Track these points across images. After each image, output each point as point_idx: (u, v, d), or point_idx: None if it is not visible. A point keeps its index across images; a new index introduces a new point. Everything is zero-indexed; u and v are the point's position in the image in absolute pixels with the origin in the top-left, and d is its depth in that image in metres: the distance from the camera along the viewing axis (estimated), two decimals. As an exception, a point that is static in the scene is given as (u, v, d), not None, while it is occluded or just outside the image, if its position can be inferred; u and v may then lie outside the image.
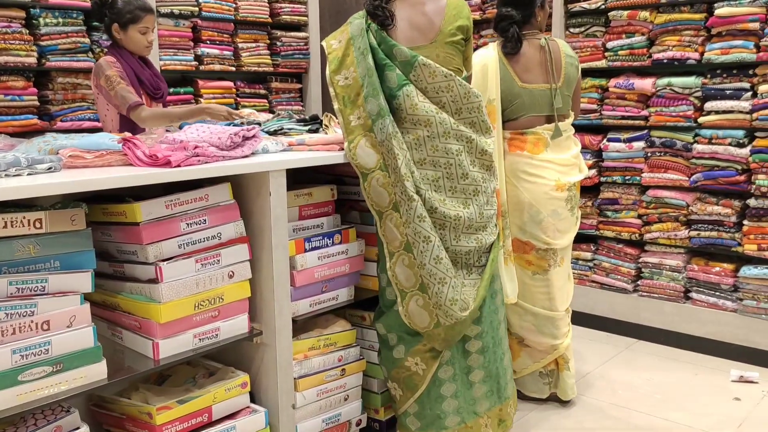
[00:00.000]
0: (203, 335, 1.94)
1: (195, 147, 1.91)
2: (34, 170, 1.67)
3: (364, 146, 2.18)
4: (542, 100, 2.66)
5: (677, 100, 3.41)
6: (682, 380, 3.11)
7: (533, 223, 2.64)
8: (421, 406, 2.31)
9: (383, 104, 2.16)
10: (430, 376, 2.28)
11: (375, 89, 2.16)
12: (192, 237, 1.91)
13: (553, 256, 2.69)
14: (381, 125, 2.15)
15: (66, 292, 1.66)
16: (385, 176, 2.16)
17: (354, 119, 2.20)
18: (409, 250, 2.17)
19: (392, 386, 2.36)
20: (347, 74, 2.21)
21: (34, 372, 1.58)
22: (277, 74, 4.42)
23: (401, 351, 2.29)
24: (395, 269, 2.20)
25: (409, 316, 2.22)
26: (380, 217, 2.21)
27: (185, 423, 1.91)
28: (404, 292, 2.21)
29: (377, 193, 2.19)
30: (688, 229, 3.44)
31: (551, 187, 2.63)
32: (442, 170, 2.21)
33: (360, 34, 2.22)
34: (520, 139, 2.64)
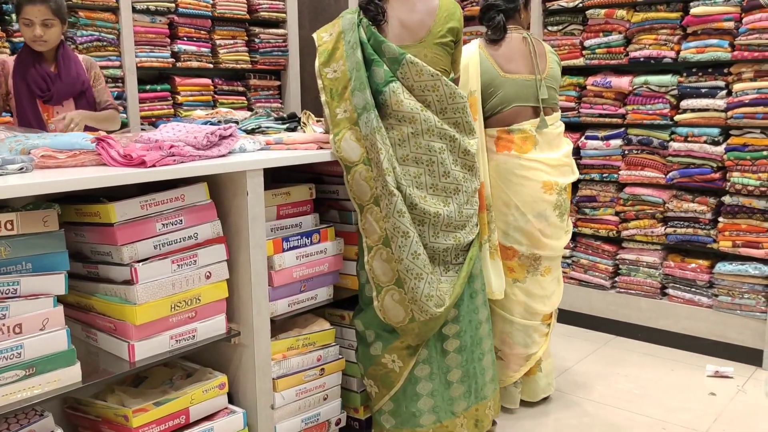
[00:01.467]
0: (180, 336, 1.92)
1: (170, 146, 1.89)
2: (5, 170, 1.64)
3: (349, 139, 2.18)
4: (527, 91, 2.61)
5: (654, 99, 3.44)
6: (658, 376, 3.15)
7: (517, 225, 2.59)
8: (396, 403, 2.32)
9: (369, 98, 2.17)
10: (407, 373, 2.29)
11: (362, 83, 2.17)
12: (168, 237, 1.88)
13: (535, 264, 2.63)
14: (366, 119, 2.16)
15: (38, 295, 1.63)
16: (368, 170, 2.17)
17: (340, 112, 2.21)
18: (388, 245, 2.18)
19: (368, 383, 2.36)
20: (336, 67, 2.21)
21: (6, 376, 1.56)
22: (256, 71, 4.39)
23: (378, 348, 2.29)
24: (373, 263, 2.21)
25: (384, 310, 2.22)
26: (361, 211, 2.22)
27: (162, 425, 1.89)
28: (380, 287, 2.22)
29: (359, 186, 2.19)
30: (664, 226, 3.47)
31: (538, 188, 2.57)
32: (424, 167, 2.22)
33: (351, 28, 2.23)
34: (507, 138, 2.58)
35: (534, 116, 2.63)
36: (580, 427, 2.68)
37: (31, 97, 2.73)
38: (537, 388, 2.78)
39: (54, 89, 2.75)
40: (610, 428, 2.67)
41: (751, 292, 3.22)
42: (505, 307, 2.65)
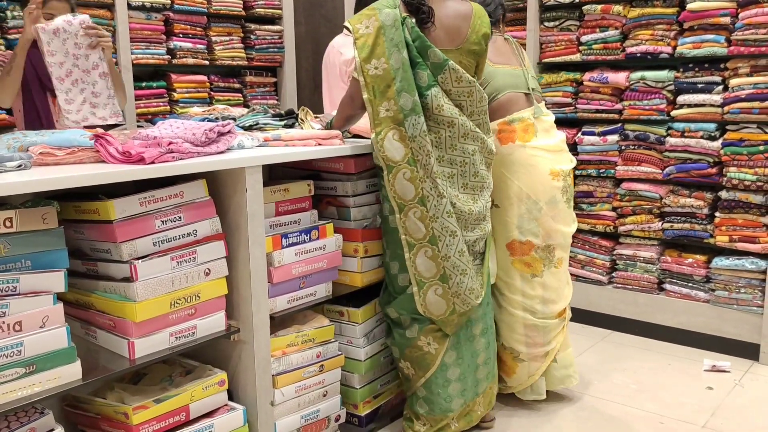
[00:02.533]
0: (180, 333, 1.91)
1: (169, 143, 1.88)
2: (4, 168, 1.63)
3: (392, 139, 2.20)
4: (516, 79, 2.68)
5: (650, 94, 3.45)
6: (655, 370, 3.16)
7: (530, 216, 2.60)
8: (428, 390, 2.37)
9: (418, 101, 2.20)
10: (441, 355, 2.35)
11: (410, 85, 2.20)
12: (167, 234, 1.88)
13: (550, 256, 2.65)
14: (414, 121, 2.19)
15: (38, 292, 1.62)
16: (413, 171, 2.21)
17: (383, 110, 2.21)
18: (434, 243, 2.24)
19: (405, 365, 2.41)
20: (377, 64, 2.20)
21: (7, 374, 1.55)
22: (252, 68, 4.38)
23: (415, 330, 2.35)
24: (416, 260, 2.27)
25: (426, 304, 2.29)
26: (401, 210, 2.25)
27: (162, 422, 1.89)
28: (423, 282, 2.27)
29: (402, 186, 2.22)
30: (661, 222, 3.48)
31: (546, 174, 2.60)
32: (458, 168, 2.30)
33: (393, 25, 2.21)
34: (509, 129, 2.61)
35: (528, 104, 2.67)
36: (577, 421, 2.69)
37: (43, 91, 2.72)
38: (553, 379, 2.78)
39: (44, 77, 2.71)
40: (607, 422, 2.68)
41: (747, 286, 3.23)
42: (526, 308, 2.65)
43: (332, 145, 2.33)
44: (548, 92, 3.76)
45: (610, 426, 2.65)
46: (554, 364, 2.76)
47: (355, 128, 2.54)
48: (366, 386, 2.53)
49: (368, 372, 2.52)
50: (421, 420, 2.38)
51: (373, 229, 2.48)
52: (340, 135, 2.39)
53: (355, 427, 2.54)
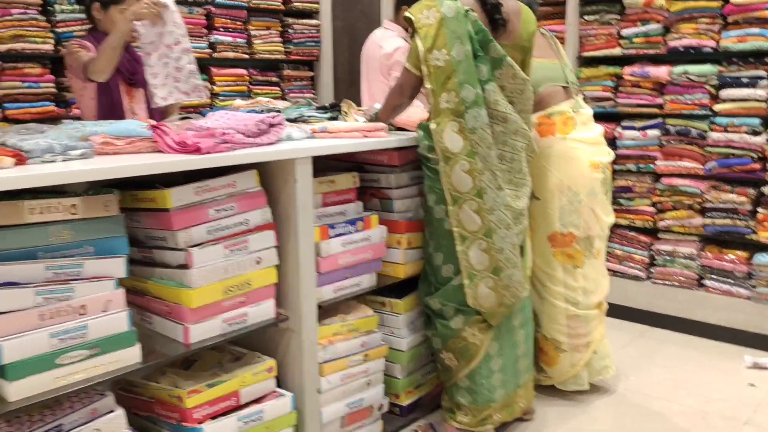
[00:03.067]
0: (232, 320, 1.96)
1: (223, 134, 1.92)
2: (68, 156, 1.68)
3: (451, 131, 2.22)
4: (555, 72, 2.70)
5: (693, 88, 3.41)
6: (695, 367, 3.14)
7: (571, 208, 2.62)
8: (472, 380, 2.38)
9: (480, 93, 2.22)
10: (486, 346, 2.36)
11: (473, 77, 2.21)
12: (220, 223, 1.92)
13: (590, 247, 2.67)
14: (476, 114, 2.20)
15: (101, 277, 1.68)
16: (471, 163, 2.22)
17: (443, 102, 2.23)
18: (489, 236, 2.25)
19: (447, 356, 2.41)
20: (439, 55, 2.21)
21: (72, 355, 1.61)
22: (289, 62, 4.42)
23: (459, 322, 2.35)
24: (469, 252, 2.27)
25: (477, 297, 2.30)
26: (455, 202, 2.26)
27: (214, 406, 1.93)
28: (474, 275, 2.28)
29: (459, 178, 2.23)
30: (702, 217, 3.45)
31: (586, 166, 2.62)
32: (506, 164, 2.32)
33: (455, 18, 2.22)
34: (548, 122, 2.63)
35: (566, 98, 2.69)
36: (616, 415, 2.69)
37: (116, 81, 2.78)
38: (592, 370, 2.79)
39: (138, 73, 2.82)
40: (647, 416, 2.68)
41: (790, 283, 3.19)
42: (568, 299, 2.67)
43: (378, 137, 2.35)
44: (588, 87, 3.74)
45: (651, 420, 2.65)
46: (594, 355, 2.76)
47: (399, 121, 2.56)
48: (408, 376, 2.56)
49: (410, 362, 2.55)
50: (463, 410, 2.40)
51: (417, 221, 2.50)
52: (385, 127, 2.42)
53: (396, 416, 2.57)
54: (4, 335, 1.51)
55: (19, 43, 3.20)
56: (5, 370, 1.51)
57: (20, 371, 1.53)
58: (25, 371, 1.53)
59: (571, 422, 2.63)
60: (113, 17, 2.76)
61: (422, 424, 2.52)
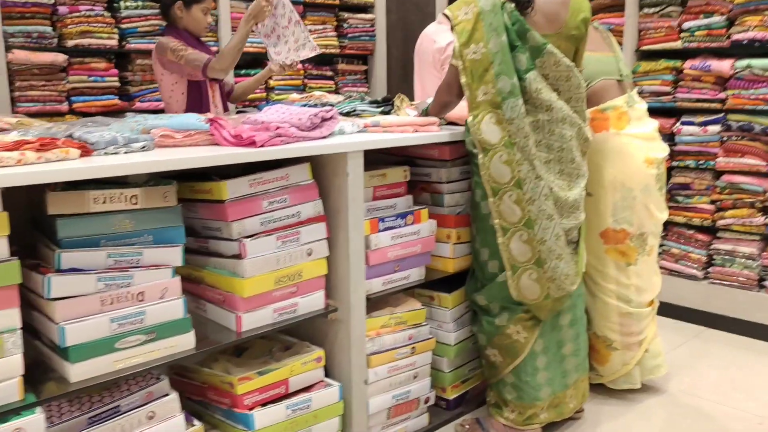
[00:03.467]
0: (282, 310, 2.00)
1: (277, 128, 1.97)
2: (130, 149, 1.75)
3: (489, 122, 2.22)
4: (608, 66, 2.66)
5: (757, 83, 3.30)
6: (753, 370, 3.05)
7: (625, 204, 2.57)
8: (517, 377, 2.38)
9: (517, 84, 2.21)
10: (531, 344, 2.35)
11: (509, 68, 2.20)
12: (273, 215, 1.97)
13: (643, 244, 2.62)
14: (513, 104, 2.20)
15: (159, 265, 1.74)
16: (510, 154, 2.21)
17: (480, 94, 2.23)
18: (530, 227, 2.24)
19: (492, 353, 2.41)
20: (476, 49, 2.22)
21: (130, 340, 1.68)
22: (344, 56, 4.46)
23: (504, 319, 2.35)
24: (510, 244, 2.27)
25: (520, 288, 2.29)
26: (495, 194, 2.25)
27: (264, 394, 1.99)
28: (516, 266, 2.28)
29: (498, 169, 2.23)
30: (764, 216, 3.34)
31: (641, 161, 2.57)
32: (554, 153, 2.29)
33: (492, 10, 2.22)
34: (602, 117, 2.59)
35: (620, 92, 2.64)
36: (670, 417, 2.63)
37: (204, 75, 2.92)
38: (644, 369, 2.75)
39: None
40: (702, 420, 2.61)
41: None
42: (621, 297, 2.63)
43: (429, 132, 2.36)
44: (646, 80, 3.66)
45: (705, 422, 2.59)
46: (646, 354, 2.72)
47: (450, 115, 2.56)
48: (454, 370, 2.57)
49: (457, 357, 2.56)
50: (510, 406, 2.40)
51: (466, 216, 2.50)
52: (437, 121, 2.43)
53: (442, 410, 2.59)
54: (67, 319, 1.59)
55: (85, 38, 3.33)
56: (68, 353, 1.59)
57: (82, 354, 1.61)
58: (86, 354, 1.61)
59: (621, 421, 2.59)
60: (195, 15, 2.92)
61: (469, 419, 2.52)
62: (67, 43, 3.31)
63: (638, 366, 2.72)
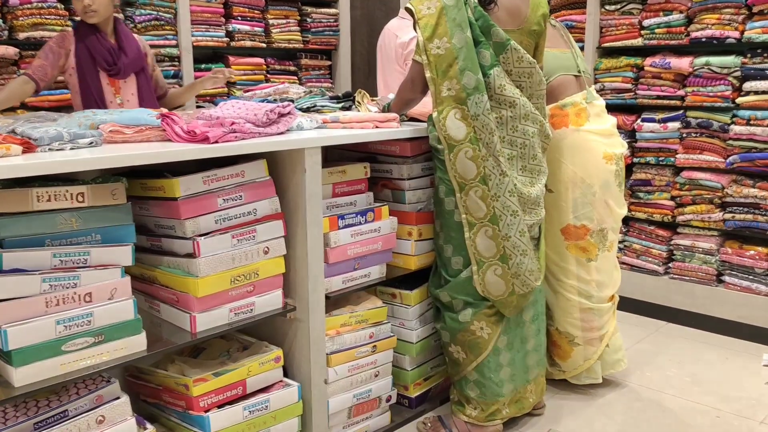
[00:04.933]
0: (239, 310, 1.96)
1: (232, 123, 1.92)
2: (76, 145, 1.69)
3: (454, 118, 2.20)
4: (567, 62, 2.67)
5: (715, 80, 3.34)
6: (712, 364, 3.09)
7: (585, 200, 2.58)
8: (480, 374, 2.37)
9: (481, 79, 2.20)
10: (494, 340, 2.35)
11: (473, 63, 2.19)
12: (228, 213, 1.93)
13: (603, 240, 2.64)
14: (477, 100, 2.19)
15: (107, 265, 1.69)
16: (475, 149, 2.20)
17: (445, 90, 2.21)
18: (495, 222, 2.24)
19: (455, 350, 2.40)
20: (439, 44, 2.20)
21: (77, 342, 1.62)
22: (307, 51, 4.41)
23: (468, 315, 2.33)
24: (476, 239, 2.26)
25: (485, 284, 2.28)
26: (462, 189, 2.24)
27: (221, 395, 1.95)
28: (482, 262, 2.27)
29: (463, 165, 2.22)
30: (722, 212, 3.39)
31: (600, 158, 2.59)
32: (517, 150, 2.29)
33: (456, 5, 2.20)
34: (561, 113, 2.59)
35: (579, 88, 2.66)
36: (630, 412, 2.65)
37: (96, 71, 2.76)
38: (605, 364, 2.77)
39: (120, 63, 2.79)
40: (661, 413, 2.64)
41: (812, 281, 3.13)
42: (582, 292, 2.64)
43: (389, 128, 2.34)
44: (607, 77, 3.69)
45: (665, 417, 2.61)
46: (606, 348, 2.74)
47: (412, 111, 2.54)
48: (417, 368, 2.56)
49: (419, 354, 2.54)
50: (472, 404, 2.39)
51: (428, 213, 2.49)
52: (397, 118, 2.40)
53: (405, 408, 2.57)
54: (10, 321, 1.53)
55: (38, 30, 3.22)
56: (11, 356, 1.53)
57: (26, 357, 1.55)
58: (30, 357, 1.55)
59: (583, 416, 2.60)
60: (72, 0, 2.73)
61: (431, 416, 2.51)
62: (18, 36, 3.20)
63: (599, 361, 2.74)
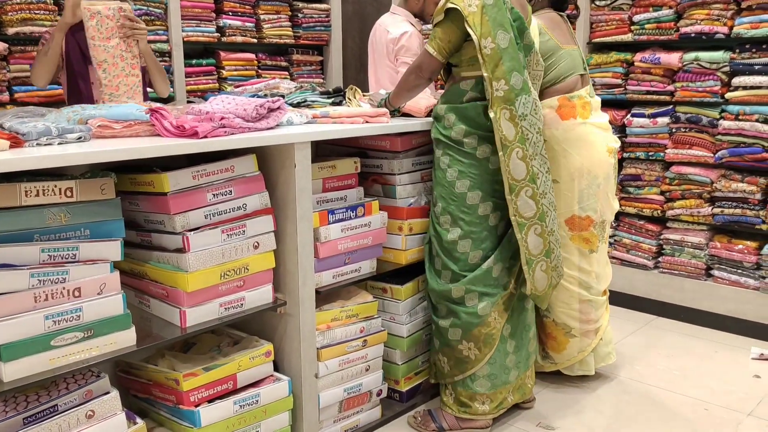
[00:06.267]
0: (229, 304, 1.97)
1: (221, 118, 1.92)
2: (65, 140, 1.69)
3: (504, 119, 2.21)
4: (577, 60, 2.70)
5: (704, 75, 3.36)
6: (701, 357, 3.11)
7: (590, 192, 2.61)
8: (492, 366, 2.37)
9: (528, 80, 2.23)
10: (501, 328, 2.37)
11: (520, 64, 2.22)
12: (218, 207, 1.93)
13: (603, 232, 2.69)
14: (525, 100, 2.22)
15: (96, 260, 1.69)
16: (524, 150, 2.23)
17: (494, 90, 2.22)
18: (543, 219, 2.28)
19: (466, 347, 2.36)
20: (486, 43, 2.19)
21: (66, 337, 1.62)
22: (298, 46, 4.40)
23: (487, 307, 2.32)
24: (527, 239, 2.28)
25: (534, 281, 2.31)
26: (513, 190, 2.24)
27: (211, 390, 1.95)
28: (531, 260, 2.29)
29: (516, 166, 2.23)
30: (711, 206, 3.41)
31: (604, 150, 2.63)
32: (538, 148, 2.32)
33: (495, 5, 2.20)
34: (569, 105, 2.61)
35: (583, 84, 2.69)
36: (619, 405, 2.67)
37: (85, 65, 2.73)
38: (597, 356, 2.80)
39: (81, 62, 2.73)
40: (650, 407, 2.66)
41: (800, 274, 3.15)
42: (582, 284, 2.67)
43: (380, 123, 2.34)
44: (597, 73, 3.70)
45: (655, 410, 2.63)
46: (600, 342, 2.76)
47: (407, 108, 2.54)
48: (407, 362, 2.56)
49: (410, 349, 2.55)
50: (479, 399, 2.38)
51: (418, 208, 2.49)
52: (387, 113, 2.40)
53: (396, 402, 2.58)
54: (-1, 316, 1.53)
55: (27, 26, 3.21)
56: (0, 351, 1.53)
57: (15, 352, 1.55)
58: (19, 352, 1.55)
59: (573, 409, 2.62)
60: None
61: (421, 410, 2.52)
62: (7, 31, 3.19)
63: (593, 353, 2.76)
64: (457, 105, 2.30)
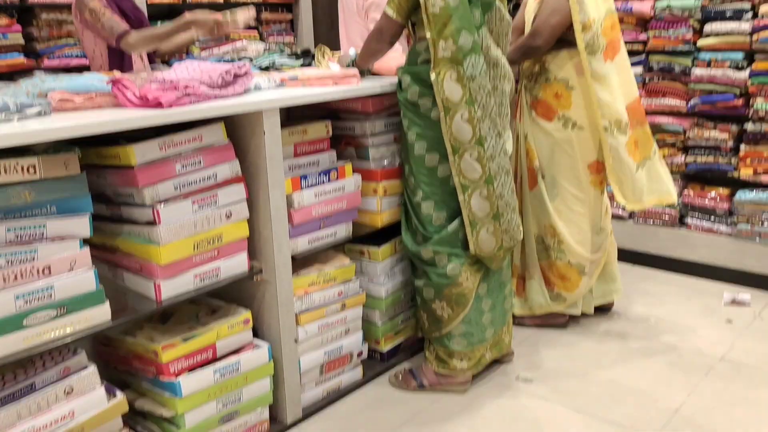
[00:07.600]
0: (204, 275, 1.96)
1: (186, 86, 1.88)
2: (24, 115, 1.65)
3: (450, 80, 2.17)
4: None
5: (676, 23, 3.34)
6: (675, 304, 3.17)
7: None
8: (467, 324, 2.40)
9: (477, 40, 2.17)
10: (476, 288, 2.39)
11: (469, 23, 2.16)
12: (187, 178, 1.90)
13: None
14: (474, 61, 2.17)
15: (65, 237, 1.66)
16: (471, 112, 2.19)
17: (440, 51, 2.17)
18: (490, 183, 2.27)
19: (439, 306, 2.38)
20: (435, 2, 2.14)
21: (39, 316, 1.61)
22: (268, 5, 4.30)
23: (456, 268, 2.33)
24: (470, 201, 2.28)
25: (478, 242, 2.31)
26: (456, 152, 2.23)
27: (190, 360, 1.96)
28: (475, 223, 2.30)
29: (459, 128, 2.21)
30: (684, 155, 3.43)
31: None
32: (495, 108, 2.28)
33: None
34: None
35: None
36: (592, 355, 2.72)
37: None
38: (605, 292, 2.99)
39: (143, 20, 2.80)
40: (625, 354, 2.72)
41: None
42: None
43: (349, 85, 2.31)
44: (570, 24, 3.66)
45: (629, 358, 2.69)
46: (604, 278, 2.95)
47: (377, 68, 2.50)
48: (387, 323, 2.59)
49: (389, 309, 2.57)
50: (457, 356, 2.41)
51: (392, 169, 2.48)
52: (357, 74, 2.37)
53: (377, 362, 2.61)
54: (-33, 299, 1.51)
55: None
56: (-29, 333, 1.52)
57: (-13, 333, 1.54)
58: (-9, 333, 1.54)
59: (548, 360, 2.67)
60: None
61: (402, 369, 2.56)
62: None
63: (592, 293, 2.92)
64: (412, 67, 2.27)
